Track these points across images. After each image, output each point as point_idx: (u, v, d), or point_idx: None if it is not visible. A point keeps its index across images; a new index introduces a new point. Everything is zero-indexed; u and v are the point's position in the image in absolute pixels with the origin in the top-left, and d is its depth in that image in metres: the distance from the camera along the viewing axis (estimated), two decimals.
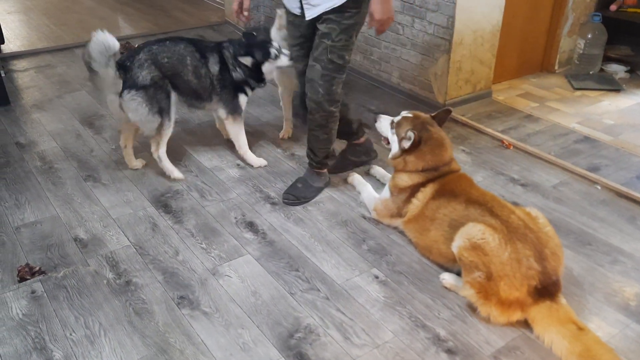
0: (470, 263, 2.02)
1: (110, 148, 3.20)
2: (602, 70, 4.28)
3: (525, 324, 2.02)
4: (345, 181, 2.92)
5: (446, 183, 2.35)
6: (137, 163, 2.99)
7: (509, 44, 3.93)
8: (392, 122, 2.55)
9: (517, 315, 1.99)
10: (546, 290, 1.95)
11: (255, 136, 3.37)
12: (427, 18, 3.56)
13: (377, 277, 2.29)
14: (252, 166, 3.05)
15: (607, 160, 3.11)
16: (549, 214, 2.66)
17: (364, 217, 2.66)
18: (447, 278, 2.24)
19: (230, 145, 3.23)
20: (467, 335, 2.02)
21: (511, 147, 3.28)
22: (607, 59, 4.34)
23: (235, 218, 2.63)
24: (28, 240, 2.46)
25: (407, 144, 2.42)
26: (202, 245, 2.45)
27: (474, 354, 1.95)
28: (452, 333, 2.03)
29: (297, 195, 2.76)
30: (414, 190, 2.41)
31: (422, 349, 1.96)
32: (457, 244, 2.08)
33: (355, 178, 2.86)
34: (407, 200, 2.42)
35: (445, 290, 2.22)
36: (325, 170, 2.86)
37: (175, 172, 2.90)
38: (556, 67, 4.32)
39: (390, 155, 2.55)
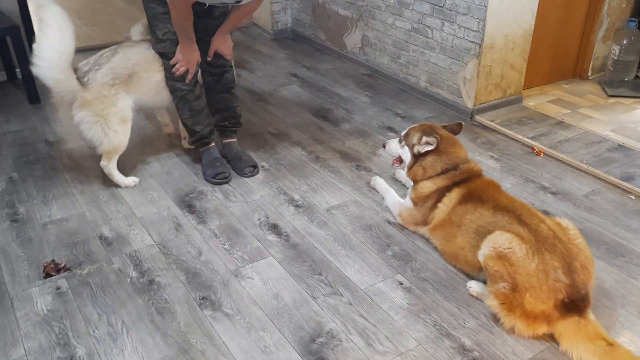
0: (495, 273, 1.97)
1: (137, 147, 3.22)
2: (637, 77, 4.16)
3: (552, 337, 1.95)
4: (368, 185, 2.89)
5: (473, 188, 2.30)
6: None
7: (541, 49, 3.85)
8: (400, 139, 2.59)
9: (542, 329, 1.92)
10: (574, 304, 1.88)
11: (280, 138, 3.36)
12: (457, 21, 3.51)
13: (401, 284, 2.25)
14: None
15: None
16: (580, 224, 2.59)
17: (389, 222, 2.62)
18: (474, 286, 2.18)
19: (253, 147, 3.23)
20: (494, 345, 1.97)
21: (542, 154, 3.20)
22: None
23: (259, 220, 2.62)
24: (54, 236, 2.48)
25: (425, 148, 2.42)
26: (225, 247, 2.44)
27: None
28: (477, 343, 1.98)
29: (254, 164, 2.99)
30: (439, 195, 2.37)
31: (446, 358, 1.92)
32: (483, 252, 2.03)
33: (378, 182, 2.83)
34: (433, 207, 2.38)
35: (472, 299, 2.17)
36: None
37: None
38: (589, 74, 4.21)
39: (406, 169, 2.55)
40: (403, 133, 2.60)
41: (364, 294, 2.20)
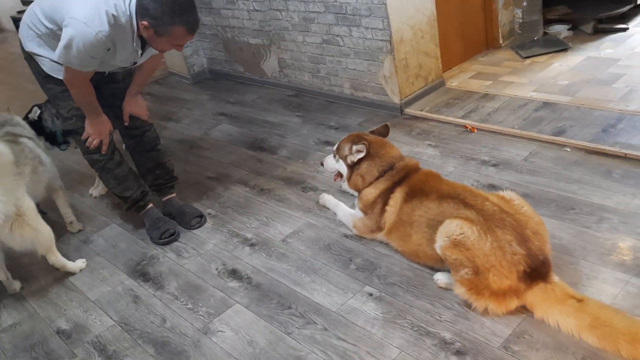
0: (455, 261, 1.97)
1: (76, 230, 3.10)
2: (545, 33, 4.31)
3: (526, 308, 1.96)
4: (318, 204, 2.86)
5: (414, 184, 2.31)
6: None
7: (449, 30, 3.94)
8: (334, 154, 2.61)
9: (514, 303, 1.93)
10: (536, 272, 1.90)
11: (220, 180, 3.31)
12: (363, 24, 3.55)
13: (371, 295, 2.23)
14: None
15: (571, 121, 3.10)
16: (526, 188, 2.63)
17: (346, 236, 2.60)
18: (441, 278, 2.18)
19: (195, 196, 3.17)
20: (473, 331, 1.96)
21: (475, 130, 3.26)
22: (548, 22, 4.38)
23: (217, 269, 2.55)
24: (10, 344, 2.35)
25: (357, 157, 2.45)
26: (188, 306, 2.36)
27: (483, 350, 1.88)
28: (457, 333, 1.97)
29: (200, 214, 2.92)
30: (384, 198, 2.37)
31: (431, 357, 1.90)
32: (439, 244, 2.03)
33: (327, 199, 2.81)
34: (382, 211, 2.38)
35: (442, 291, 2.16)
36: None
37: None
38: (501, 41, 4.34)
39: (345, 180, 2.57)
40: (335, 147, 2.59)
41: (337, 315, 2.16)
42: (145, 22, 2.22)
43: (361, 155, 2.42)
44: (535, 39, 4.24)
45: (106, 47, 2.27)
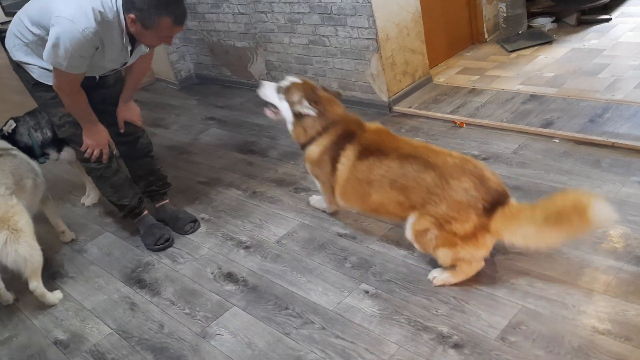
0: (423, 231, 2.09)
1: (68, 240, 3.08)
2: (530, 26, 4.35)
3: (520, 300, 1.98)
4: (309, 205, 2.87)
5: (367, 141, 2.31)
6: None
7: (434, 27, 3.96)
8: (279, 87, 2.48)
9: (487, 237, 2.01)
10: (496, 202, 1.98)
11: (212, 185, 3.31)
12: (349, 23, 3.57)
13: (367, 292, 2.24)
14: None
15: (558, 113, 3.13)
16: (517, 180, 2.66)
17: (340, 235, 2.61)
18: (437, 275, 2.20)
19: (187, 202, 3.16)
20: (469, 324, 1.98)
21: (464, 125, 3.28)
22: (532, 15, 4.41)
23: (212, 273, 2.55)
24: (7, 357, 2.34)
25: (305, 111, 2.39)
26: (185, 311, 2.36)
27: (480, 342, 1.90)
28: (454, 327, 1.98)
29: (193, 219, 2.93)
30: (333, 155, 2.36)
31: (429, 352, 1.91)
32: (410, 237, 2.17)
33: (316, 200, 2.84)
34: (333, 170, 2.37)
35: (437, 286, 2.18)
36: None
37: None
38: (486, 36, 4.37)
39: (289, 126, 2.49)
40: (284, 85, 2.47)
41: (334, 314, 2.17)
42: (132, 15, 2.20)
43: (311, 113, 2.39)
44: (520, 32, 4.28)
45: (94, 45, 2.25)
